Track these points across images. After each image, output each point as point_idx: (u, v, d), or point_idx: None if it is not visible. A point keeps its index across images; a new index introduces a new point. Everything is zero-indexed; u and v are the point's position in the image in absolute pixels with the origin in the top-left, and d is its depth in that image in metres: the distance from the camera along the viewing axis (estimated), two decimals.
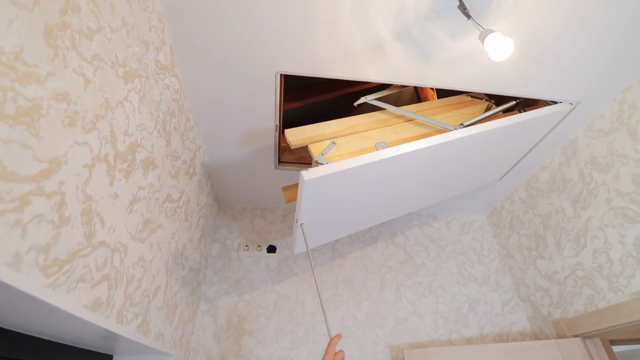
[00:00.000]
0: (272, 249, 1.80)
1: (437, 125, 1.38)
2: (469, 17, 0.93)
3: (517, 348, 1.46)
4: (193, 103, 1.28)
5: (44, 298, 0.56)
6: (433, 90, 1.77)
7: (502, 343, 1.48)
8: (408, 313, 1.71)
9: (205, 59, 1.13)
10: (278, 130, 1.44)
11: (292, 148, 1.25)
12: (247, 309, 1.62)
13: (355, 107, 1.47)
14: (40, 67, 0.53)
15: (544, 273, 1.66)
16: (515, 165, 1.69)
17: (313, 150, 1.23)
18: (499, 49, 0.87)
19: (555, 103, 1.37)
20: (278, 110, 1.35)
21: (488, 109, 1.53)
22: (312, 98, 1.75)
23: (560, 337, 1.51)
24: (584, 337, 1.45)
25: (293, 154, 1.66)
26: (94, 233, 0.70)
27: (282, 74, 1.20)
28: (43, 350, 0.87)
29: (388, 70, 1.19)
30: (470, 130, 1.21)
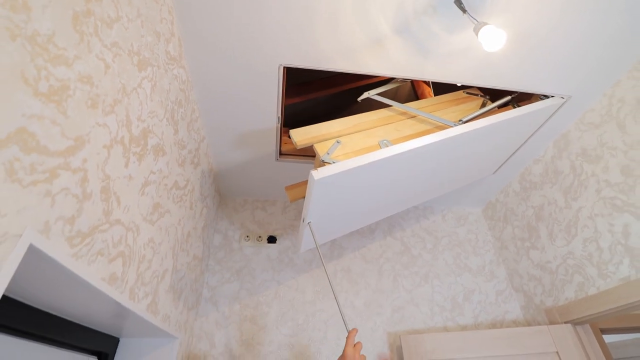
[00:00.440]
0: (272, 240, 1.85)
1: (437, 122, 1.43)
2: (465, 11, 0.98)
3: (509, 334, 1.51)
4: (198, 94, 1.32)
5: (69, 266, 0.60)
6: (430, 87, 1.83)
7: (495, 329, 1.53)
8: (405, 302, 1.76)
9: (212, 52, 1.17)
10: (280, 123, 1.49)
11: (297, 148, 1.28)
12: (248, 297, 1.67)
13: (354, 103, 1.52)
14: (68, 50, 0.58)
15: (537, 263, 1.72)
16: (510, 159, 1.75)
17: (318, 150, 1.25)
18: (492, 40, 0.93)
19: (548, 97, 1.43)
20: (280, 103, 1.39)
21: (484, 105, 1.58)
22: (311, 94, 1.79)
23: (552, 324, 1.57)
24: (575, 323, 1.50)
25: (293, 146, 1.69)
26: (111, 211, 0.75)
27: (285, 67, 1.25)
28: (53, 327, 0.90)
29: (388, 64, 1.24)
30: (469, 126, 1.26)
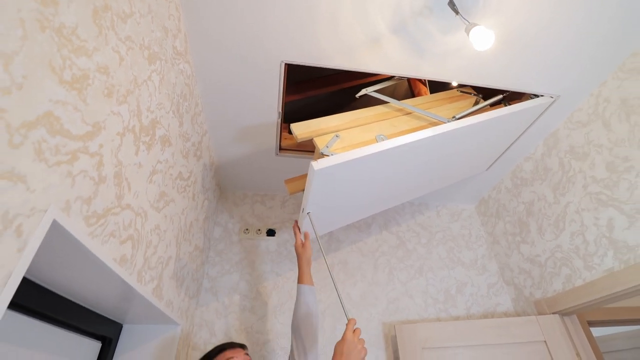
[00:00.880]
0: (271, 233, 1.89)
1: (432, 118, 1.48)
2: (457, 12, 1.03)
3: (500, 324, 1.57)
4: (202, 89, 1.37)
5: (86, 244, 0.65)
6: (426, 86, 1.88)
7: (486, 319, 1.59)
8: (400, 293, 1.81)
9: (216, 49, 1.22)
10: (280, 118, 1.53)
11: (298, 141, 1.33)
12: (247, 288, 1.71)
13: (353, 101, 1.57)
14: (89, 42, 0.62)
15: (527, 257, 1.78)
16: (502, 157, 1.81)
17: (318, 143, 1.30)
18: (482, 40, 0.99)
19: (538, 97, 1.49)
20: (281, 99, 1.44)
21: (476, 103, 1.64)
22: (310, 92, 1.84)
23: (541, 314, 1.63)
24: (562, 313, 1.56)
25: (293, 141, 1.74)
26: (123, 195, 0.79)
27: (286, 64, 1.29)
28: (65, 309, 0.94)
29: (386, 63, 1.29)
30: (462, 123, 1.32)
